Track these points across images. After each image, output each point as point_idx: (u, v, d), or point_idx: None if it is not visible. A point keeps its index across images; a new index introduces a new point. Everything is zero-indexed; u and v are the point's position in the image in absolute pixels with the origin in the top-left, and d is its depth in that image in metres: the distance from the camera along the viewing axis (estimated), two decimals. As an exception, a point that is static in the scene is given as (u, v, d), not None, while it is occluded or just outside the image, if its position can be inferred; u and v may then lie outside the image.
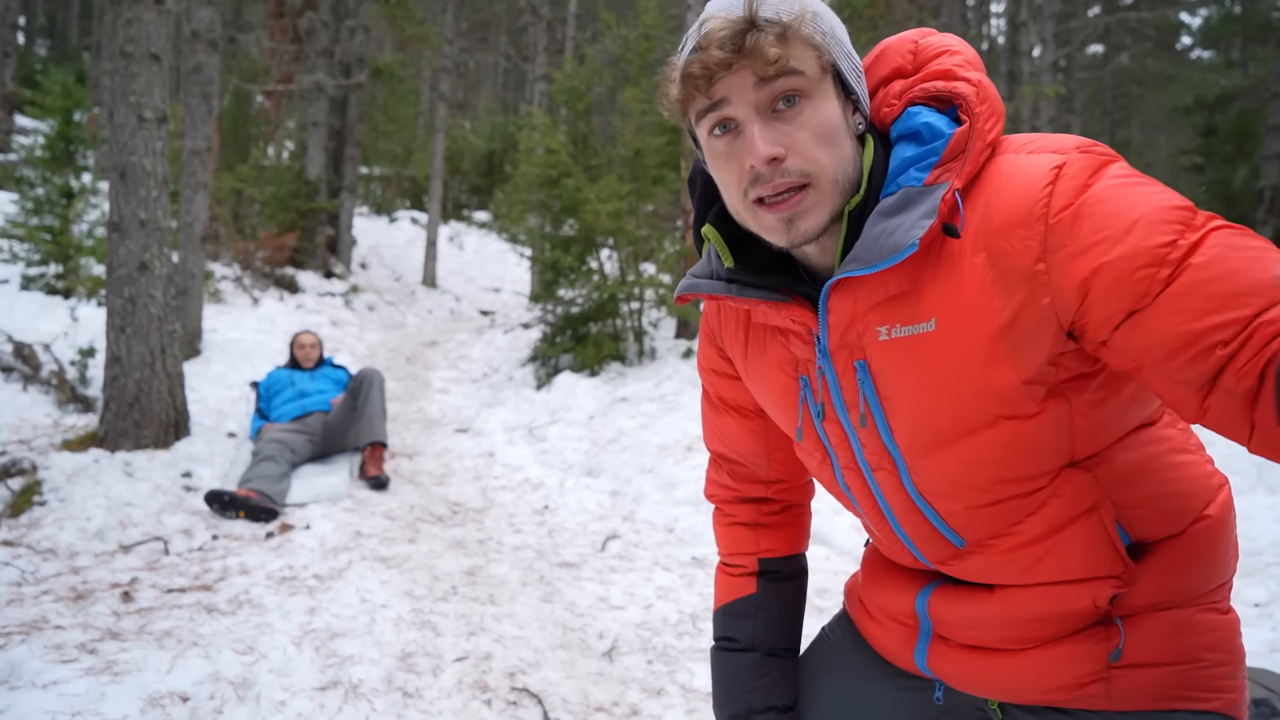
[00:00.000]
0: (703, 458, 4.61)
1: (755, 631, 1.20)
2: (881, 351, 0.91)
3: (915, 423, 0.92)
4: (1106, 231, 0.77)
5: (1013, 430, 0.87)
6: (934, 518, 0.96)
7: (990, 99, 0.88)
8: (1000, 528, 0.92)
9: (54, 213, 8.11)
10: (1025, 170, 0.83)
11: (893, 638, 1.08)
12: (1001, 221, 0.82)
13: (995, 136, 0.87)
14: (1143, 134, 26.70)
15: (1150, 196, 0.79)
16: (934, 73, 0.91)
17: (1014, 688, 0.96)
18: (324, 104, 11.75)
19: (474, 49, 25.89)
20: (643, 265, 7.67)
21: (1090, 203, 0.79)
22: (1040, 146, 0.85)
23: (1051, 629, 0.93)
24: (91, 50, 24.83)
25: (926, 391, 0.89)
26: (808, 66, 0.85)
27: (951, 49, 0.93)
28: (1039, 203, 0.80)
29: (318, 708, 2.29)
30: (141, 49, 4.45)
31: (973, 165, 0.85)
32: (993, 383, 0.85)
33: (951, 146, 0.86)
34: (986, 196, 0.84)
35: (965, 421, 0.88)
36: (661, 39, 7.74)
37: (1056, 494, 0.89)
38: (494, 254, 16.96)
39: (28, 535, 3.43)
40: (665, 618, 3.03)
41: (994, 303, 0.82)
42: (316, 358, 5.23)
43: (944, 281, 0.85)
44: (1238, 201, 11.66)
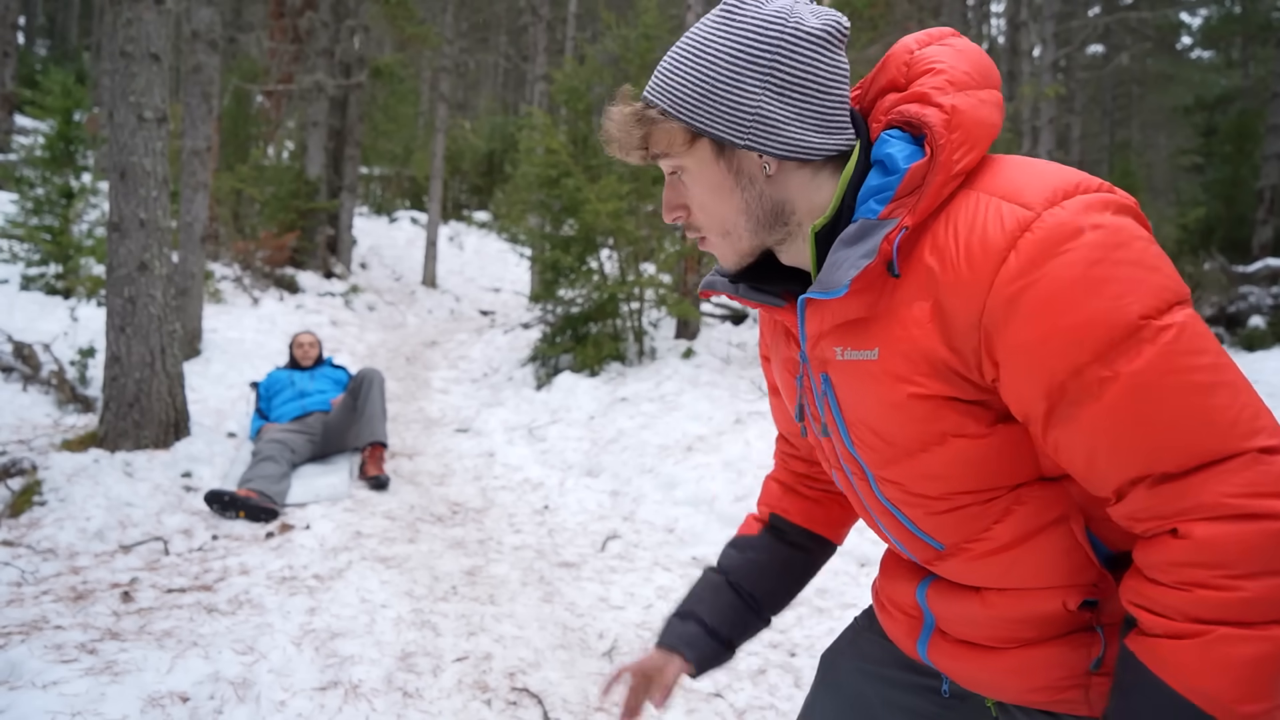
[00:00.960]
0: (702, 458, 4.61)
1: (734, 563, 1.30)
2: (839, 370, 0.96)
3: (872, 437, 0.96)
4: (1035, 329, 0.79)
5: (963, 447, 0.89)
6: (906, 521, 1.00)
7: (963, 126, 0.86)
8: (969, 533, 0.95)
9: (54, 213, 8.12)
10: (986, 227, 0.82)
11: (899, 628, 1.11)
12: (951, 278, 0.83)
13: (968, 164, 0.86)
14: (1143, 134, 26.70)
15: (1103, 296, 0.77)
16: (912, 94, 0.90)
17: (998, 685, 0.99)
18: (324, 104, 11.75)
19: (474, 49, 25.88)
20: (643, 265, 7.67)
21: (1030, 294, 0.78)
22: (1013, 191, 0.83)
23: (1032, 631, 0.94)
24: (91, 50, 24.83)
25: (876, 412, 0.94)
26: (671, 146, 0.93)
27: (937, 67, 0.90)
28: (987, 273, 0.80)
29: (318, 708, 2.29)
30: (141, 49, 4.45)
31: (931, 200, 0.86)
32: (934, 408, 0.88)
33: (905, 182, 0.86)
34: (943, 241, 0.85)
35: (916, 439, 0.91)
36: (661, 39, 7.74)
37: (1021, 502, 0.91)
38: (494, 254, 16.96)
39: (28, 535, 3.43)
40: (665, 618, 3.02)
41: (933, 341, 0.85)
42: (316, 357, 5.23)
43: (890, 316, 0.89)
44: (1238, 201, 11.66)
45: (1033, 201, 0.81)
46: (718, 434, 4.91)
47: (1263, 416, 0.78)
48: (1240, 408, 0.77)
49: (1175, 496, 0.78)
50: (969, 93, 0.88)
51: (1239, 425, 0.76)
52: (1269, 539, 0.75)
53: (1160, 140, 25.77)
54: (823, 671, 1.25)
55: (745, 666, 2.69)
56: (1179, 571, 0.78)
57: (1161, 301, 0.77)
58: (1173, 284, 0.79)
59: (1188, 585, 0.78)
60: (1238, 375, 0.78)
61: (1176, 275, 0.80)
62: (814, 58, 0.89)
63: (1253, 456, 0.76)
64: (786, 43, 0.88)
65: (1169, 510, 0.79)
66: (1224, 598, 0.76)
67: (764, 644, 2.85)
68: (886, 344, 0.89)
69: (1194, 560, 0.77)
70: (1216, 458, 0.76)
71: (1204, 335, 0.78)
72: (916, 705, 1.12)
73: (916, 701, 1.12)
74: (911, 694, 1.13)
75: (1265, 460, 0.76)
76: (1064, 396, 0.79)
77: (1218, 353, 0.78)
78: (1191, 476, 0.77)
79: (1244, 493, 0.75)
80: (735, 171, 0.92)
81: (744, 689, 2.55)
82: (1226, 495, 0.76)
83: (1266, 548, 0.75)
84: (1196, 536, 0.77)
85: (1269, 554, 0.75)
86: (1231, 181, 11.88)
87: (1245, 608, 0.76)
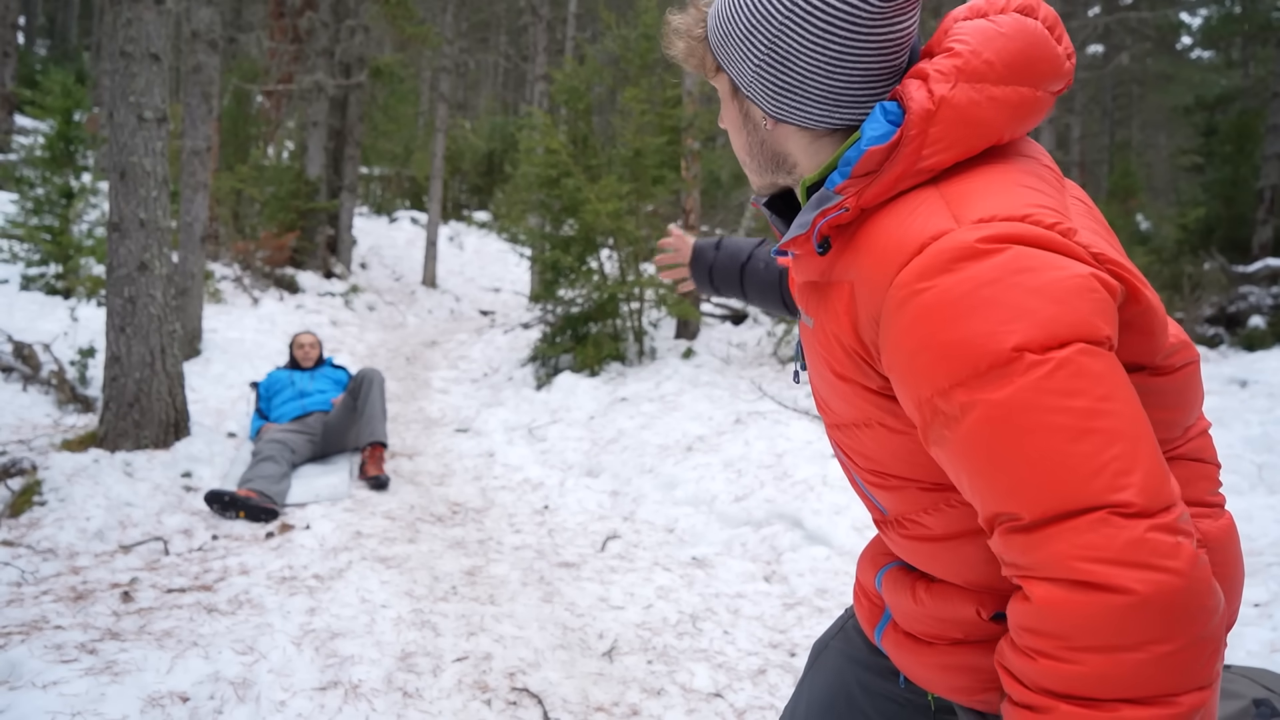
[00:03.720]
0: (702, 458, 4.61)
1: (761, 258, 1.53)
2: (801, 325, 1.03)
3: (819, 398, 1.01)
4: (913, 339, 0.77)
5: (885, 436, 0.91)
6: (856, 479, 1.03)
7: (948, 122, 0.80)
8: (905, 511, 0.96)
9: (54, 213, 8.11)
10: (910, 225, 0.80)
11: (864, 614, 1.14)
12: (867, 267, 0.83)
13: (938, 163, 0.82)
14: (1143, 134, 26.70)
15: (984, 319, 0.73)
16: (918, 70, 0.84)
17: (929, 679, 1.00)
18: (324, 104, 11.74)
19: (474, 49, 25.87)
20: (643, 265, 7.67)
21: (917, 301, 0.76)
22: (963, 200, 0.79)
23: (955, 630, 0.95)
24: (91, 50, 24.82)
25: (815, 376, 0.99)
26: (704, 69, 0.97)
27: (956, 48, 0.83)
28: (891, 270, 0.79)
29: (318, 708, 2.29)
30: (141, 49, 4.44)
31: (882, 190, 0.83)
32: (854, 391, 0.90)
33: (861, 163, 0.83)
34: (877, 229, 0.84)
35: (846, 414, 0.95)
36: (661, 39, 7.73)
37: (951, 505, 0.91)
38: (494, 254, 16.95)
39: (28, 535, 3.43)
40: (665, 618, 3.03)
41: (845, 325, 0.87)
42: (316, 358, 5.23)
43: (826, 290, 0.91)
44: (1238, 201, 11.65)
45: (965, 215, 0.78)
46: (718, 434, 4.91)
47: (1135, 473, 0.70)
48: (1109, 460, 0.70)
49: (1025, 548, 0.73)
50: (979, 86, 0.81)
51: (1097, 478, 0.70)
52: (1105, 612, 0.68)
53: (1160, 140, 25.77)
54: (812, 657, 1.29)
55: (745, 667, 2.69)
56: (1025, 636, 0.75)
57: (1048, 335, 0.71)
58: (1075, 320, 0.72)
59: (1033, 652, 0.74)
60: (1122, 425, 0.71)
61: (1089, 315, 0.73)
62: (823, 38, 0.83)
63: (1103, 516, 0.69)
64: (798, 19, 0.83)
65: (1021, 561, 0.74)
66: (1065, 670, 0.71)
67: (764, 644, 2.85)
68: (819, 317, 0.93)
69: (1035, 626, 0.73)
70: (1068, 510, 0.70)
71: (1090, 375, 0.71)
72: (887, 690, 1.15)
73: (887, 686, 1.15)
74: (883, 678, 1.15)
75: (1116, 522, 0.69)
76: (935, 415, 0.77)
77: (1102, 397, 0.71)
78: (1043, 529, 0.72)
79: (1084, 556, 0.69)
80: (744, 114, 0.96)
81: (744, 689, 2.55)
82: (1067, 556, 0.70)
83: (1102, 621, 0.68)
84: (1036, 599, 0.72)
85: (1106, 628, 0.68)
86: (1231, 181, 11.86)
87: (1088, 684, 0.70)
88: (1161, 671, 0.69)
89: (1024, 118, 0.84)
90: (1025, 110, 0.84)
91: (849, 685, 1.19)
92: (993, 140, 0.84)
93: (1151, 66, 21.16)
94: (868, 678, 1.17)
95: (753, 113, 0.95)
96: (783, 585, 3.31)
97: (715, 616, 3.05)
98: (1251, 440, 4.08)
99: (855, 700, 1.18)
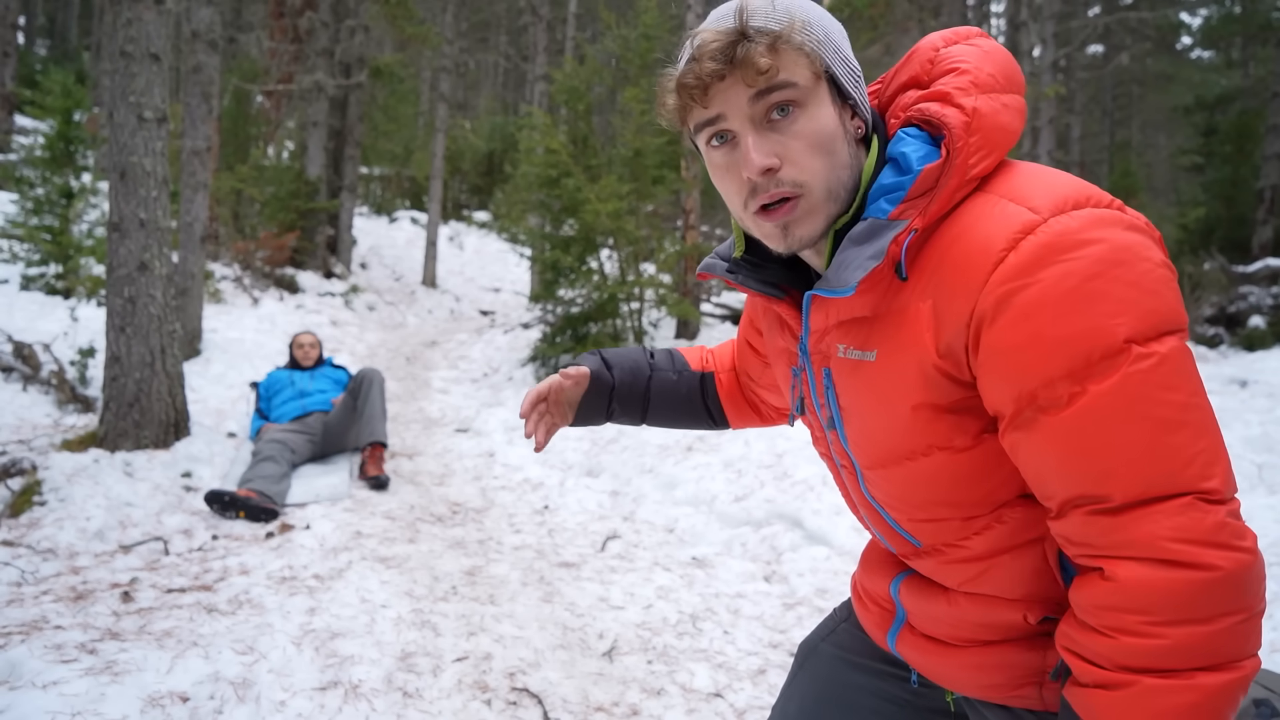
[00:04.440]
0: (702, 458, 4.62)
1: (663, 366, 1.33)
2: (840, 367, 0.97)
3: (863, 438, 0.98)
4: (1019, 333, 0.79)
5: (946, 460, 0.91)
6: (889, 519, 1.02)
7: (984, 130, 0.85)
8: (946, 540, 0.97)
9: (54, 213, 8.11)
10: (988, 227, 0.82)
11: (872, 619, 1.14)
12: (949, 277, 0.84)
13: (983, 170, 0.86)
14: (1143, 134, 26.68)
15: (1092, 312, 0.77)
16: (935, 93, 0.89)
17: (957, 680, 1.02)
18: (324, 104, 11.74)
19: (474, 49, 25.87)
20: (643, 265, 7.67)
21: (1022, 296, 0.78)
22: (1024, 195, 0.83)
23: (993, 634, 0.97)
24: (91, 50, 24.82)
25: (870, 413, 0.95)
26: (799, 75, 0.87)
27: (962, 67, 0.89)
28: (983, 271, 0.81)
29: (318, 708, 2.29)
30: (141, 49, 4.45)
31: (942, 204, 0.85)
32: (923, 418, 0.89)
33: (918, 183, 0.85)
34: (948, 242, 0.85)
35: (903, 446, 0.93)
36: (661, 39, 7.74)
37: (1001, 521, 0.92)
38: (494, 254, 16.96)
39: (28, 535, 3.43)
40: (665, 618, 3.03)
41: (927, 343, 0.86)
42: (316, 358, 5.23)
43: (892, 317, 0.89)
44: (1238, 201, 11.65)
45: (1041, 206, 0.81)
46: (718, 434, 4.91)
47: (1218, 465, 0.77)
48: (1198, 451, 0.77)
49: (1109, 529, 0.78)
50: (992, 95, 0.87)
51: (1190, 467, 0.76)
52: (1190, 588, 0.75)
53: (1160, 140, 25.75)
54: (800, 659, 1.28)
55: (745, 667, 2.69)
56: (1104, 615, 0.79)
57: (1150, 328, 0.77)
58: (1168, 312, 0.78)
59: (1113, 631, 0.79)
60: (1207, 419, 0.78)
61: (1176, 303, 0.79)
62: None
63: (1191, 501, 0.76)
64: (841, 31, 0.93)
65: (1101, 542, 0.79)
66: (1147, 645, 0.77)
67: (764, 644, 2.85)
68: (885, 346, 0.90)
69: (1118, 604, 0.78)
70: (1158, 495, 0.76)
71: (1184, 372, 0.78)
72: (887, 691, 1.16)
73: (888, 688, 1.16)
74: (883, 681, 1.16)
75: (1202, 507, 0.76)
76: (1032, 403, 0.80)
77: (1193, 392, 0.78)
78: (1130, 511, 0.77)
79: (1174, 537, 0.75)
80: (843, 124, 0.91)
81: (744, 689, 2.55)
82: (1157, 536, 0.76)
83: (1188, 596, 0.75)
84: (1121, 578, 0.78)
85: (1191, 602, 0.75)
86: (1231, 181, 11.87)
87: (1168, 656, 0.76)
88: (1232, 640, 0.76)
89: (1024, 120, 0.91)
90: (1024, 114, 0.91)
91: (845, 687, 1.20)
92: (1014, 141, 0.89)
93: (1151, 66, 21.17)
94: (867, 680, 1.18)
95: (849, 124, 0.91)
96: (783, 585, 3.31)
97: (715, 616, 3.05)
98: (1251, 440, 4.07)
99: (852, 702, 1.18)
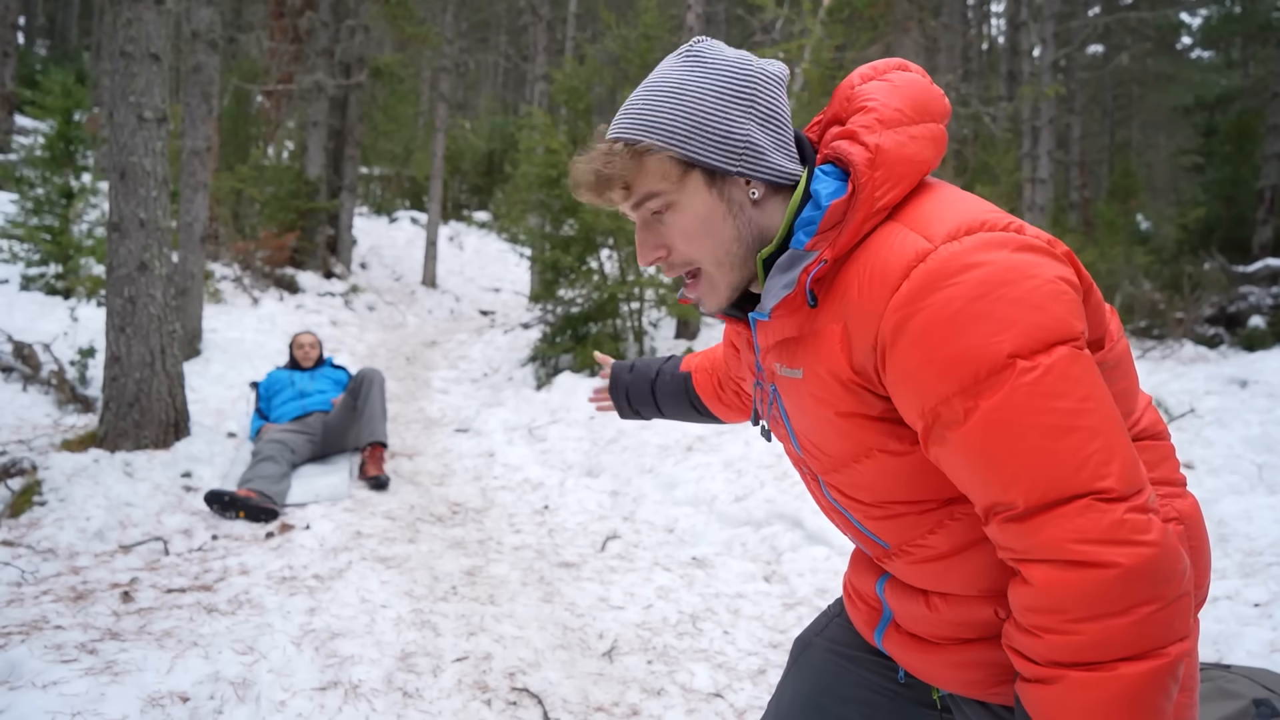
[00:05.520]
0: (702, 458, 4.62)
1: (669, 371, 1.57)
2: (781, 383, 1.05)
3: (811, 444, 1.05)
4: (914, 356, 0.85)
5: (887, 462, 0.96)
6: (854, 521, 1.07)
7: (887, 164, 0.90)
8: (908, 539, 1.01)
9: (54, 213, 8.11)
10: (888, 255, 0.88)
11: (861, 617, 1.19)
12: (856, 302, 0.89)
13: (891, 200, 0.91)
14: (1143, 134, 26.69)
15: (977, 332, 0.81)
16: (844, 132, 0.95)
17: (940, 676, 1.05)
18: (324, 104, 11.74)
19: (474, 49, 25.87)
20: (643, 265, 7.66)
21: (914, 322, 0.84)
22: (924, 223, 0.88)
23: (971, 631, 1.00)
24: (91, 50, 24.81)
25: (808, 424, 1.03)
26: (659, 184, 0.95)
27: (868, 105, 0.94)
28: (882, 298, 0.86)
29: (318, 708, 2.29)
30: (141, 49, 4.44)
31: (851, 235, 0.91)
32: (854, 425, 0.95)
33: (827, 217, 0.91)
34: (856, 269, 0.91)
35: (844, 451, 1.00)
36: (661, 39, 7.74)
37: (955, 518, 0.97)
38: (494, 254, 16.96)
39: (28, 535, 3.43)
40: (665, 618, 3.03)
41: (841, 362, 0.92)
42: (316, 358, 5.23)
43: (812, 338, 0.96)
44: (1238, 201, 11.65)
45: (935, 234, 0.86)
46: (717, 434, 4.91)
47: (1112, 464, 0.80)
48: (1090, 454, 0.80)
49: (1020, 534, 0.83)
50: (898, 130, 0.92)
51: (1083, 470, 0.80)
52: (1096, 585, 0.79)
53: (1160, 140, 25.76)
54: (795, 653, 1.33)
55: (745, 667, 2.69)
56: (1029, 615, 0.84)
57: (1035, 341, 0.81)
58: (1054, 324, 0.82)
59: (1038, 629, 0.83)
60: (1101, 422, 0.81)
61: (1066, 314, 0.83)
62: (778, 95, 0.97)
63: (1089, 502, 0.79)
64: (759, 80, 0.96)
65: (1017, 546, 0.83)
66: (1068, 641, 0.81)
67: (764, 644, 2.85)
68: (808, 364, 0.97)
69: (1037, 605, 0.83)
70: (1056, 499, 0.80)
71: (1071, 378, 0.81)
72: (877, 685, 1.20)
73: (878, 681, 1.20)
74: (873, 674, 1.21)
75: (1100, 507, 0.79)
76: (936, 419, 0.85)
77: (1083, 397, 0.81)
78: (1035, 516, 0.81)
79: (1075, 538, 0.79)
80: (727, 200, 0.96)
81: (744, 689, 2.55)
82: (1060, 539, 0.80)
83: (1095, 593, 0.79)
84: (1036, 580, 0.82)
85: (1099, 598, 0.79)
86: (1231, 181, 11.86)
87: (1089, 649, 0.80)
88: (1149, 629, 0.79)
89: (940, 147, 0.96)
90: (940, 141, 0.96)
91: (838, 681, 1.23)
92: (926, 170, 0.94)
93: (1151, 66, 21.16)
94: (859, 673, 1.22)
95: (736, 194, 0.96)
96: (783, 585, 3.32)
97: (715, 616, 3.05)
98: (1251, 440, 4.07)
99: (844, 695, 1.22)
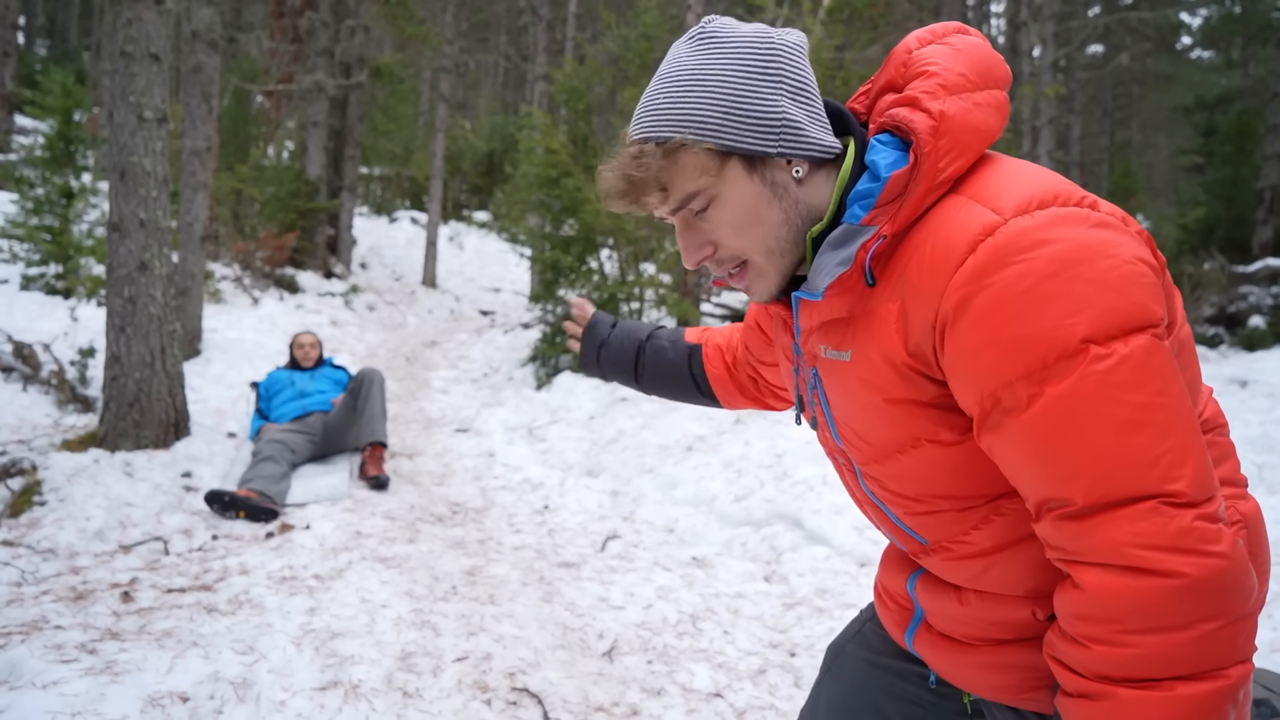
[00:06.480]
0: (702, 458, 4.61)
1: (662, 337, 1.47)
2: (824, 366, 0.99)
3: (852, 434, 0.98)
4: (977, 336, 0.79)
5: (934, 453, 0.90)
6: (891, 515, 1.02)
7: (952, 133, 0.84)
8: (949, 535, 0.96)
9: (54, 213, 8.11)
10: (952, 230, 0.82)
11: (892, 617, 1.14)
12: (916, 280, 0.84)
13: (955, 171, 0.85)
14: (1143, 134, 26.69)
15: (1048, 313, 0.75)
16: (904, 98, 0.89)
17: (971, 680, 1.00)
18: (324, 104, 11.74)
19: (474, 49, 25.86)
20: (643, 265, 7.66)
21: (979, 299, 0.78)
22: (991, 195, 0.82)
23: (1005, 632, 0.95)
24: (91, 50, 24.81)
25: (852, 411, 0.96)
26: (696, 181, 0.89)
27: (930, 69, 0.88)
28: (945, 274, 0.81)
29: (318, 708, 2.29)
30: (141, 49, 4.44)
31: (912, 209, 0.85)
32: (904, 412, 0.89)
33: (887, 190, 0.86)
34: (916, 245, 0.85)
35: (890, 441, 0.93)
36: (661, 39, 7.73)
37: (1000, 514, 0.91)
38: (494, 254, 16.96)
39: (28, 535, 3.43)
40: (665, 618, 3.03)
41: (896, 343, 0.86)
42: (316, 358, 5.23)
43: (865, 319, 0.90)
44: (1238, 202, 11.64)
45: (1004, 207, 0.80)
46: (718, 434, 4.91)
47: (1186, 466, 0.74)
48: (1162, 452, 0.74)
49: (1076, 534, 0.77)
50: (963, 96, 0.86)
51: (1153, 469, 0.73)
52: (1157, 595, 0.73)
53: (1160, 140, 25.75)
54: (828, 661, 1.28)
55: (745, 667, 2.69)
56: (1077, 624, 0.78)
57: (1111, 325, 0.75)
58: (1133, 309, 0.75)
59: (1087, 640, 0.77)
60: (1176, 419, 0.75)
61: (1146, 299, 0.77)
62: (804, 64, 0.91)
63: (1155, 505, 0.73)
64: (782, 51, 0.90)
65: (1071, 547, 0.78)
66: (1120, 654, 0.75)
67: (764, 644, 2.85)
68: (859, 347, 0.91)
69: (1088, 612, 0.77)
70: (1121, 499, 0.74)
71: (1148, 370, 0.75)
72: (910, 693, 1.16)
73: (910, 689, 1.16)
74: (906, 681, 1.16)
75: (1167, 511, 0.73)
76: (996, 405, 0.79)
77: (1159, 391, 0.75)
78: (1094, 516, 0.75)
79: (1137, 543, 0.73)
80: (770, 184, 0.90)
81: (744, 689, 2.55)
82: (1120, 542, 0.74)
83: (1155, 604, 0.73)
84: (1088, 585, 0.76)
85: (1159, 610, 0.73)
86: (1231, 181, 11.85)
87: (1143, 665, 0.74)
88: (1211, 647, 0.73)
89: (1004, 116, 0.90)
90: (1004, 109, 0.89)
91: (870, 689, 1.19)
92: (990, 140, 0.88)
93: (1151, 66, 21.17)
94: (891, 681, 1.17)
95: (779, 176, 0.90)
96: (783, 585, 3.31)
97: (715, 616, 3.05)
98: (1251, 440, 4.07)
99: (877, 704, 1.18)
